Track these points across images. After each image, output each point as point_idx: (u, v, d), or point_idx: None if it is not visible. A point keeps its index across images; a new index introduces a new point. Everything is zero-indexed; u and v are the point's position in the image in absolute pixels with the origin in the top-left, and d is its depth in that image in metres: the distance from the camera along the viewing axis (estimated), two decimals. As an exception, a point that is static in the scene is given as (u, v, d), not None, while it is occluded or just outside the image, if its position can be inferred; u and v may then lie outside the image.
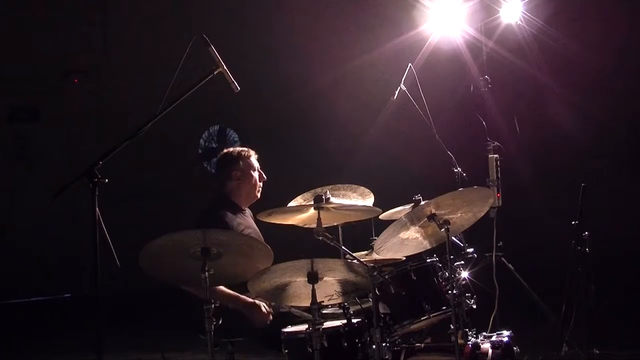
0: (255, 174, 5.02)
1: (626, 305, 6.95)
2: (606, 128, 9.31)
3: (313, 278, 3.89)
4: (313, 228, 4.29)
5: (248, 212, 5.07)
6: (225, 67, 3.99)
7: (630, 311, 6.87)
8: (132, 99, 10.05)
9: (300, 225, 4.63)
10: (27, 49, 10.52)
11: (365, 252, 4.87)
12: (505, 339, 4.55)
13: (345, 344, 4.18)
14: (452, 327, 4.25)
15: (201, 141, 11.40)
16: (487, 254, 6.37)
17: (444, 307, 4.45)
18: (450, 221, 4.34)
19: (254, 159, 5.06)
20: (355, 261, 4.26)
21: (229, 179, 4.98)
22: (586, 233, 5.50)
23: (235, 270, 3.99)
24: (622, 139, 9.50)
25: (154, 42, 10.46)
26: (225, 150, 5.14)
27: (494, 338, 4.56)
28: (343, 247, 4.48)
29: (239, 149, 5.11)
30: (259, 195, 5.06)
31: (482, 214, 4.53)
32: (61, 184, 3.66)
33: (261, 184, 5.06)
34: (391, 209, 5.00)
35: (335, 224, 4.78)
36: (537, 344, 5.85)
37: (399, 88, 5.58)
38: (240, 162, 4.99)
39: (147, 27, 10.61)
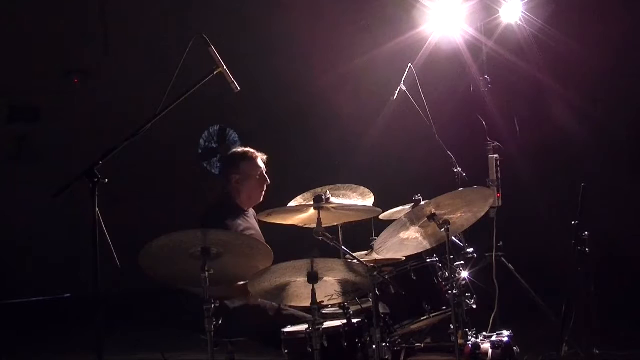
0: (258, 178, 4.97)
1: (626, 305, 6.95)
2: (606, 128, 9.30)
3: (313, 278, 3.90)
4: (313, 228, 4.30)
5: (251, 212, 5.04)
6: (225, 67, 3.99)
7: (629, 311, 6.87)
8: (132, 99, 10.04)
9: (300, 225, 4.63)
10: (27, 49, 10.51)
11: (365, 252, 4.87)
12: (505, 339, 4.55)
13: (345, 344, 4.18)
14: (452, 327, 4.25)
15: (201, 141, 11.39)
16: (487, 254, 6.36)
17: (444, 307, 4.46)
18: (450, 221, 4.34)
19: (259, 161, 5.00)
20: (355, 261, 4.26)
21: (228, 181, 4.96)
22: (586, 233, 5.50)
23: (235, 270, 4.00)
24: (622, 139, 9.49)
25: (154, 42, 10.44)
26: (232, 150, 5.12)
27: (494, 338, 4.56)
28: (343, 247, 4.48)
29: (244, 150, 5.05)
30: (261, 198, 5.02)
31: (482, 214, 4.54)
32: (61, 183, 3.66)
33: (264, 187, 5.01)
34: (391, 209, 5.00)
35: (335, 224, 4.77)
36: (537, 344, 5.85)
37: (399, 88, 5.58)
38: (242, 165, 4.95)
39: (147, 27, 10.60)
